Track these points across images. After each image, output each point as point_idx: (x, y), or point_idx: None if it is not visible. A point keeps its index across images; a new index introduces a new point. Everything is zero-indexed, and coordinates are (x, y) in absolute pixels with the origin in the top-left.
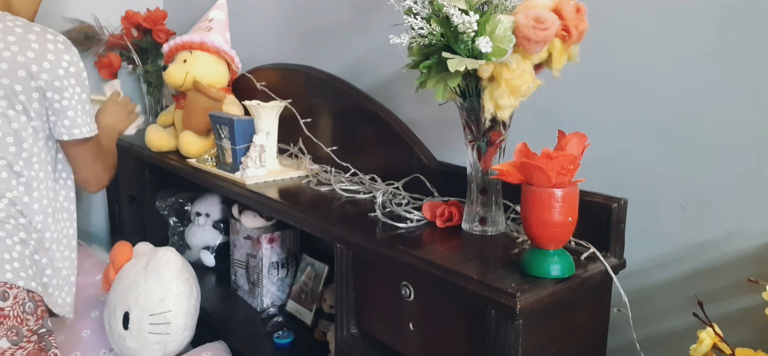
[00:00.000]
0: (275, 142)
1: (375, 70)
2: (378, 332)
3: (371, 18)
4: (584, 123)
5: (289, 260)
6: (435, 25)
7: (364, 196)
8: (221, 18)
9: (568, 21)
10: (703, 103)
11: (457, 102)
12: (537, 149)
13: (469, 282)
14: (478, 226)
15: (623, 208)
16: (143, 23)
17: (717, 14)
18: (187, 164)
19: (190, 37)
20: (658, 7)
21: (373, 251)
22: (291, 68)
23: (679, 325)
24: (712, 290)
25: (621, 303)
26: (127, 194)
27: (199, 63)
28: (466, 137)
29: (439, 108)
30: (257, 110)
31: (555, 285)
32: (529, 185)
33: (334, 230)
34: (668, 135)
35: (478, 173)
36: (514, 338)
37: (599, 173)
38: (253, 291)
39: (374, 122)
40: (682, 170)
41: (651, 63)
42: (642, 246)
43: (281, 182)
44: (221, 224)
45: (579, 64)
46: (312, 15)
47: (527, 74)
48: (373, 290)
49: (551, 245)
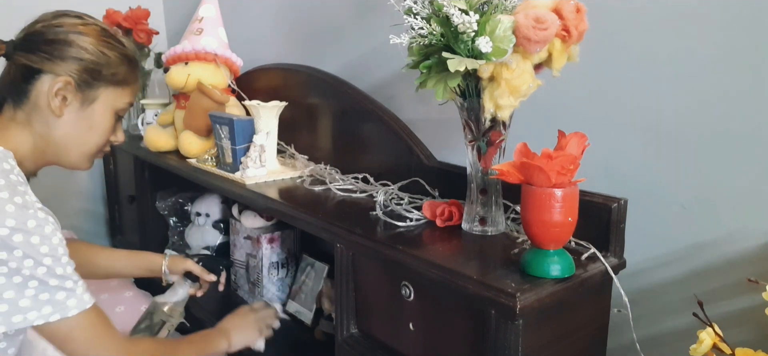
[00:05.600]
0: (275, 142)
1: (375, 70)
2: (378, 332)
3: (371, 18)
4: (584, 123)
5: (289, 260)
6: (435, 25)
7: (364, 195)
8: (212, 14)
9: (568, 21)
10: (704, 103)
11: (457, 102)
12: (537, 149)
13: (469, 282)
14: (478, 226)
15: (623, 208)
16: (123, 23)
17: (717, 14)
18: (187, 164)
19: (183, 47)
20: (658, 7)
21: (373, 251)
22: (291, 68)
23: (679, 325)
24: (712, 290)
25: (621, 303)
26: (127, 194)
27: (199, 69)
28: (466, 137)
29: (439, 108)
30: (257, 110)
31: (555, 285)
32: (529, 185)
33: (334, 229)
34: (668, 135)
35: (478, 173)
36: (514, 338)
37: (599, 173)
38: (253, 290)
39: (374, 122)
40: (682, 170)
41: (651, 63)
42: (642, 246)
43: (281, 182)
44: (221, 224)
45: (579, 64)
46: (312, 15)
47: (527, 74)
48: (373, 290)
49: (551, 245)
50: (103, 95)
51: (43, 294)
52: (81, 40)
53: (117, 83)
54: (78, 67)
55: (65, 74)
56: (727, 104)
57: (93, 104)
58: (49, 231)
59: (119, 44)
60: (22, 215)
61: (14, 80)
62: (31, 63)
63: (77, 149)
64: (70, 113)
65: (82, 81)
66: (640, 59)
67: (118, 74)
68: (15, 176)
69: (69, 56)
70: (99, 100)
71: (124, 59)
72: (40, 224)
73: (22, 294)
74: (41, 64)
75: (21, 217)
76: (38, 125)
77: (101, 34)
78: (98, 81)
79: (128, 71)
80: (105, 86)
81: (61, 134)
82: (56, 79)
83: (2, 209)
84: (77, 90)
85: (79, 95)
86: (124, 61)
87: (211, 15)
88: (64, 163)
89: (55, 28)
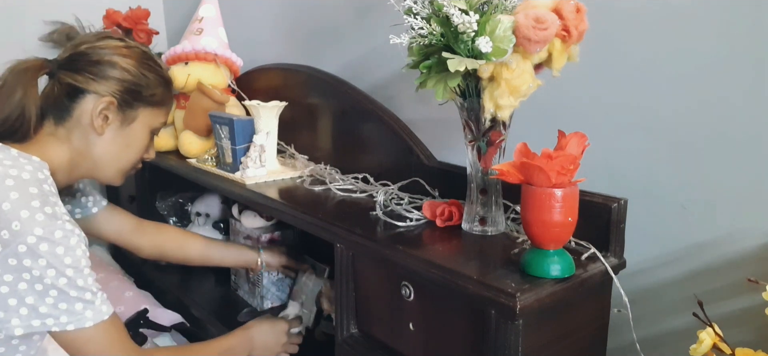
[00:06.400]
0: (275, 142)
1: (375, 70)
2: (378, 332)
3: (371, 18)
4: (584, 123)
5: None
6: (435, 25)
7: (364, 195)
8: (212, 14)
9: (568, 21)
10: (704, 102)
11: (457, 102)
12: (537, 149)
13: (469, 282)
14: (478, 226)
15: (623, 208)
16: (123, 23)
17: (717, 14)
18: (187, 164)
19: (183, 47)
20: (658, 7)
21: (373, 251)
22: (291, 68)
23: (679, 325)
24: (712, 290)
25: (621, 303)
26: (127, 194)
27: (199, 69)
28: (466, 137)
29: (439, 108)
30: (257, 110)
31: (555, 285)
32: (529, 185)
33: (334, 229)
34: (668, 135)
35: (478, 173)
36: (514, 338)
37: (599, 173)
38: (253, 290)
39: (374, 122)
40: (682, 170)
41: (651, 63)
42: (642, 246)
43: (281, 182)
44: (221, 224)
45: (579, 64)
46: (312, 15)
47: (527, 74)
48: (373, 290)
49: (551, 245)
50: (141, 114)
51: (62, 303)
52: (124, 62)
53: (155, 104)
54: (120, 87)
55: (108, 94)
56: (728, 104)
57: (132, 123)
58: (74, 243)
59: (158, 67)
60: (51, 225)
61: (58, 98)
62: (76, 82)
63: (114, 165)
64: (110, 131)
65: (123, 101)
66: (641, 59)
67: (156, 95)
68: (48, 186)
69: (112, 77)
70: (138, 119)
71: (161, 81)
72: (67, 236)
73: (42, 301)
74: (86, 84)
75: (49, 227)
76: (78, 141)
77: (142, 56)
78: (138, 101)
79: (165, 92)
80: (144, 107)
81: (100, 151)
82: (100, 99)
83: (33, 217)
84: (118, 110)
85: (120, 115)
86: (161, 82)
87: (211, 15)
88: (99, 177)
89: (99, 50)
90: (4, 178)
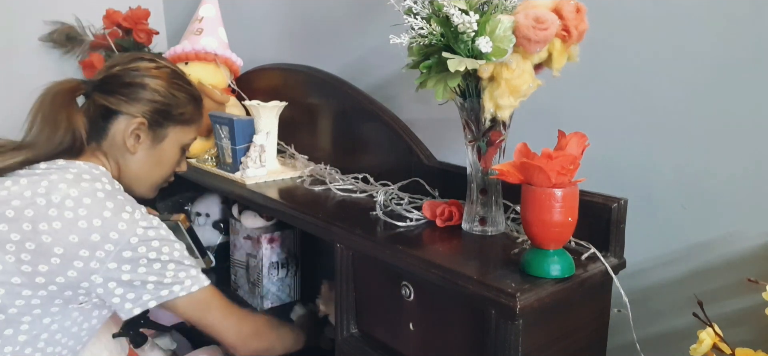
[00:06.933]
0: (275, 142)
1: (375, 70)
2: (378, 332)
3: (371, 18)
4: (584, 123)
5: (289, 261)
6: (435, 25)
7: (364, 195)
8: (212, 14)
9: (568, 21)
10: (704, 102)
11: (457, 102)
12: (537, 149)
13: (469, 282)
14: (478, 226)
15: (623, 208)
16: (123, 23)
17: (718, 13)
18: (187, 163)
19: (183, 47)
20: (658, 7)
21: (373, 251)
22: (291, 68)
23: (679, 325)
24: (712, 290)
25: (621, 303)
26: None
27: (199, 69)
28: (466, 137)
29: (439, 108)
30: (257, 110)
31: (555, 285)
32: (529, 185)
33: (334, 229)
34: (668, 135)
35: (478, 173)
36: (514, 338)
37: (599, 173)
38: (253, 291)
39: (374, 122)
40: (682, 170)
41: (651, 63)
42: (642, 246)
43: (281, 182)
44: (221, 224)
45: (579, 64)
46: (312, 15)
47: (527, 74)
48: (373, 290)
49: (551, 245)
50: (171, 132)
51: (181, 272)
52: (154, 84)
53: (184, 122)
54: (151, 108)
55: (140, 115)
56: (728, 104)
57: (163, 141)
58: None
59: (187, 85)
60: (147, 219)
61: (94, 119)
62: (109, 104)
63: (147, 181)
64: (142, 149)
65: (154, 121)
66: (641, 59)
67: (185, 114)
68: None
69: (143, 98)
70: (168, 137)
71: (191, 99)
72: (159, 224)
73: (163, 274)
74: (118, 105)
75: (147, 220)
76: (116, 158)
77: (171, 76)
78: (168, 120)
79: (194, 110)
80: (174, 125)
81: (133, 168)
82: (132, 120)
83: (132, 216)
84: (149, 129)
85: (151, 134)
86: (191, 101)
87: (211, 15)
88: (134, 192)
89: (131, 72)
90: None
